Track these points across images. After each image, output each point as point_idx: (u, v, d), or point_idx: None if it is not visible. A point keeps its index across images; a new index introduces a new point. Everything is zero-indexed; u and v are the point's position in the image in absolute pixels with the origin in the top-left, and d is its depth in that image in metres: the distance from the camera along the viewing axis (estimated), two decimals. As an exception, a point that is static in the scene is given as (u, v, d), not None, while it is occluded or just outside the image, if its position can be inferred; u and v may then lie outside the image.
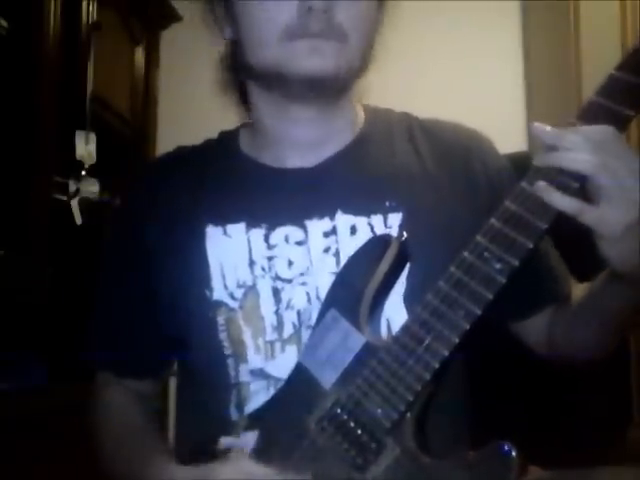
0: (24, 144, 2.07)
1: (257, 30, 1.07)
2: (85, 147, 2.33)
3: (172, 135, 1.22)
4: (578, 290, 1.13)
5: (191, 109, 2.91)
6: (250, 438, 1.00)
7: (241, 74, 1.16)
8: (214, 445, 1.01)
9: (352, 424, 0.94)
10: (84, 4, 2.36)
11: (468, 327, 0.88)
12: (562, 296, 1.13)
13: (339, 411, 0.95)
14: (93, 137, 2.36)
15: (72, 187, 2.29)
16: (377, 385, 0.92)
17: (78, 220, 2.28)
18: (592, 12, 2.45)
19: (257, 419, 1.02)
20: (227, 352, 1.07)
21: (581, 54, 2.45)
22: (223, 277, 1.08)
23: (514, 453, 0.84)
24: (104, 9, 2.47)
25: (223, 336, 1.07)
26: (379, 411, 0.92)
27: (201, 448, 1.01)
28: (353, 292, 0.99)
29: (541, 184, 0.86)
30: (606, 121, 0.85)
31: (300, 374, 1.01)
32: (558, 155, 0.85)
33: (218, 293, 1.07)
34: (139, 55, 2.95)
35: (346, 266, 1.03)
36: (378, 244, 1.01)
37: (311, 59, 1.03)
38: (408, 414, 0.91)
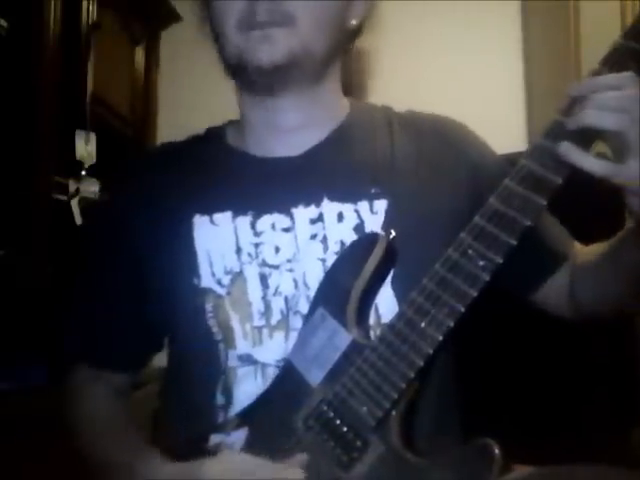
0: (24, 144, 2.07)
1: (218, 23, 1.10)
2: (85, 147, 2.33)
3: (172, 135, 1.23)
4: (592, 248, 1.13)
5: (191, 109, 2.92)
6: (240, 436, 1.00)
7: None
8: (204, 443, 1.01)
9: (338, 422, 0.94)
10: (84, 4, 2.36)
11: (452, 325, 0.88)
12: (566, 255, 1.14)
13: (325, 409, 0.95)
14: (93, 137, 2.36)
15: (72, 187, 2.28)
16: (362, 383, 0.93)
17: (78, 220, 2.28)
18: (592, 12, 2.44)
19: (246, 417, 1.02)
20: (217, 338, 1.07)
21: (581, 54, 2.44)
22: (210, 264, 1.09)
23: (496, 451, 0.84)
24: (104, 9, 2.46)
25: (212, 322, 1.07)
26: (364, 409, 0.92)
27: (191, 446, 1.01)
28: (341, 291, 0.99)
29: (565, 145, 0.85)
30: (634, 62, 0.85)
31: (288, 372, 1.01)
32: (584, 113, 0.84)
33: (206, 280, 1.08)
34: (139, 55, 2.95)
35: (334, 264, 1.04)
36: (366, 242, 1.01)
37: (262, 48, 1.05)
38: (393, 412, 0.92)
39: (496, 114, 2.72)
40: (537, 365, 1.35)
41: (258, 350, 1.06)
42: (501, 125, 2.43)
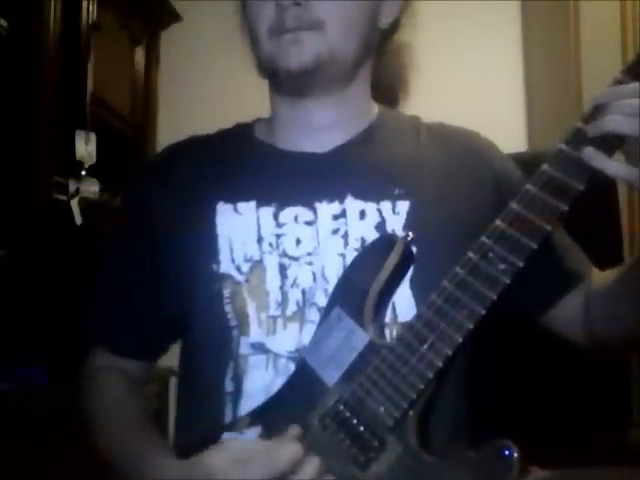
0: (24, 144, 2.07)
1: (251, 28, 1.14)
2: (85, 147, 2.33)
3: (172, 135, 1.24)
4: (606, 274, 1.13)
5: (191, 109, 2.92)
6: (252, 435, 1.00)
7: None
8: (216, 442, 1.01)
9: (355, 421, 0.94)
10: (84, 4, 2.36)
11: (472, 327, 0.89)
12: (582, 277, 1.15)
13: (342, 408, 0.95)
14: (93, 137, 2.35)
15: (72, 187, 2.28)
16: (380, 383, 0.93)
17: (78, 220, 2.28)
18: (592, 12, 2.45)
19: (259, 416, 1.02)
20: (232, 324, 1.08)
21: (581, 54, 2.45)
22: (231, 251, 1.10)
23: (515, 454, 0.84)
24: (104, 9, 2.46)
25: (228, 308, 1.08)
26: (382, 409, 0.92)
27: (202, 446, 1.01)
28: (358, 291, 1.00)
29: (589, 149, 0.87)
30: None
31: (303, 371, 1.01)
32: (606, 119, 0.86)
33: (225, 266, 1.10)
34: (139, 55, 2.95)
35: (352, 265, 1.04)
36: (384, 243, 1.02)
37: (291, 51, 1.08)
38: (411, 412, 0.92)
39: (496, 114, 2.73)
40: (539, 369, 1.35)
41: (271, 340, 1.07)
42: (501, 125, 2.43)
